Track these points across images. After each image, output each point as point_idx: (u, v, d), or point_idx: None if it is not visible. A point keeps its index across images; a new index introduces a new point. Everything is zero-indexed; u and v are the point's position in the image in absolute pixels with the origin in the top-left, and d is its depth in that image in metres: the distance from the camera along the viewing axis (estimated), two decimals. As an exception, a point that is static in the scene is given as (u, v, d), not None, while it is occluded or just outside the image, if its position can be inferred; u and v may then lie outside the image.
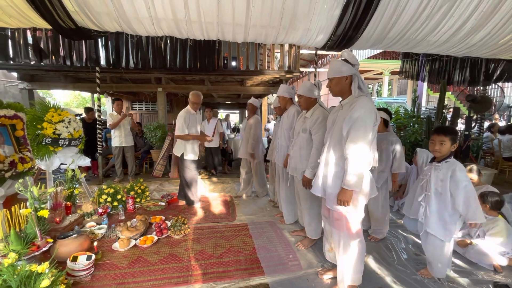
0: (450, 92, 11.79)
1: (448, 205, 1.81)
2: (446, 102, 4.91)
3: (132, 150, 4.97)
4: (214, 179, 5.14)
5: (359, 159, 1.51)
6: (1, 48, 3.98)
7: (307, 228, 2.50)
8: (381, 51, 11.87)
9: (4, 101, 2.49)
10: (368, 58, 12.48)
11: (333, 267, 2.02)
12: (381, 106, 3.24)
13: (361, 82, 1.66)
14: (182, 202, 3.68)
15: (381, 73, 13.20)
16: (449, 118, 5.14)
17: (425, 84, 7.62)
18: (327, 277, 1.97)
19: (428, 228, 1.89)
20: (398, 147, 2.54)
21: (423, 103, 10.73)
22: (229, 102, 11.82)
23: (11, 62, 4.36)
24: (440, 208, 1.85)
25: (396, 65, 11.54)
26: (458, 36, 3.43)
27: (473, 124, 4.87)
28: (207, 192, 4.31)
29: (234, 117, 23.71)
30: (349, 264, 1.74)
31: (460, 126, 5.85)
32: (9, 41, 4.05)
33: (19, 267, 1.55)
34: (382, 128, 2.57)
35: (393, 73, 12.64)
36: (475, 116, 5.30)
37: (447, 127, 1.93)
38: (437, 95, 4.51)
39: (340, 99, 1.79)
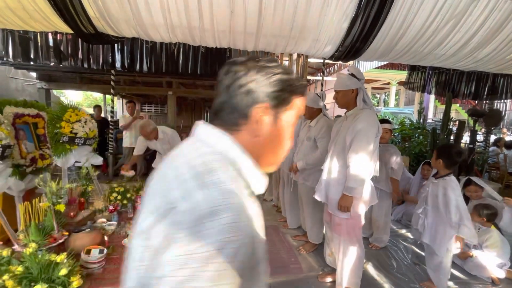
0: (458, 105, 11.74)
1: (443, 219, 1.88)
2: (453, 114, 4.94)
3: (142, 150, 5.11)
4: (220, 182, 5.24)
5: (360, 167, 1.60)
6: (23, 50, 4.21)
7: (309, 233, 2.57)
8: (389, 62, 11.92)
9: (27, 100, 2.65)
10: (376, 68, 12.53)
11: (333, 271, 2.09)
12: (387, 117, 3.32)
13: (365, 95, 1.75)
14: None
15: (388, 83, 13.22)
16: (454, 131, 5.15)
17: (432, 95, 7.65)
18: (327, 280, 2.04)
19: (424, 239, 1.97)
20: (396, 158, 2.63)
21: (430, 115, 10.70)
22: (236, 107, 11.97)
23: (31, 63, 4.59)
24: (436, 221, 1.93)
25: (404, 75, 11.56)
26: (464, 51, 3.49)
27: (480, 138, 4.88)
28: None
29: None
30: (348, 268, 1.81)
31: (466, 139, 5.84)
32: (31, 43, 4.28)
33: (39, 256, 1.66)
34: (387, 138, 2.66)
35: (400, 83, 12.64)
36: (482, 130, 5.30)
37: (443, 148, 2.02)
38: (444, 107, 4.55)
39: (345, 110, 1.89)
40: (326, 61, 4.63)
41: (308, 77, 7.44)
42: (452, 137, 4.54)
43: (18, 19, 3.21)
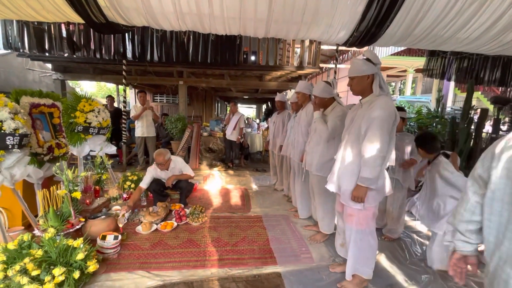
0: (480, 93, 11.16)
1: (443, 199, 2.00)
2: (474, 103, 4.70)
3: (153, 140, 5.19)
4: (231, 171, 5.28)
5: (376, 157, 1.54)
6: (38, 41, 4.29)
7: (320, 223, 2.55)
8: (405, 48, 11.40)
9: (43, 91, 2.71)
10: (392, 54, 12.03)
11: (345, 262, 2.06)
12: (402, 105, 3.18)
13: (382, 81, 1.67)
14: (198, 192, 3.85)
15: (405, 71, 12.69)
16: (475, 120, 4.90)
17: (452, 83, 7.29)
18: (338, 271, 2.03)
19: (424, 223, 2.19)
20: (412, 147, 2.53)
21: (449, 103, 10.23)
22: (246, 97, 11.91)
23: (47, 54, 4.67)
24: (434, 203, 2.04)
25: (421, 62, 11.05)
26: (490, 34, 3.26)
27: (504, 127, 4.62)
28: (224, 184, 4.45)
29: (251, 111, 23.82)
30: (360, 259, 1.78)
31: (488, 128, 5.56)
32: (46, 34, 4.35)
33: (58, 241, 1.73)
34: (401, 127, 2.55)
35: (417, 70, 12.12)
36: (506, 118, 5.02)
37: (417, 139, 2.20)
38: (465, 95, 4.31)
39: (360, 97, 1.81)
40: (340, 47, 4.46)
41: (321, 65, 7.25)
42: (473, 127, 4.32)
43: (31, 9, 3.25)
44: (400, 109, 2.56)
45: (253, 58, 6.02)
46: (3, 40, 4.36)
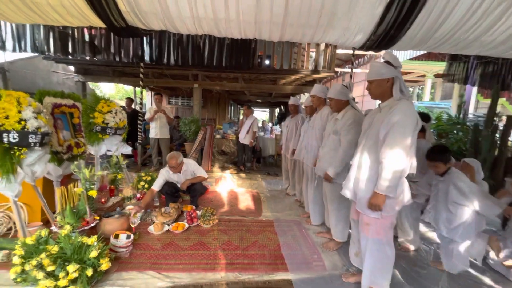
0: (504, 99, 10.63)
1: (458, 209, 2.05)
2: (499, 109, 4.46)
3: (167, 142, 5.27)
4: (243, 174, 5.27)
5: (395, 164, 1.47)
6: (63, 44, 4.49)
7: (333, 230, 2.48)
8: (425, 52, 11.05)
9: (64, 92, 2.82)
10: (410, 59, 11.70)
11: (359, 271, 1.99)
12: (420, 110, 3.05)
13: (402, 85, 1.60)
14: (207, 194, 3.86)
15: (423, 76, 12.29)
16: (501, 127, 4.65)
17: (475, 88, 6.96)
18: (351, 281, 1.95)
19: (441, 231, 2.16)
20: None
21: (471, 110, 9.80)
22: (260, 100, 11.92)
23: (70, 57, 4.89)
24: (450, 214, 2.08)
25: (441, 67, 10.65)
26: (518, 37, 3.09)
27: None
28: (235, 187, 4.43)
29: (264, 115, 23.85)
30: (376, 270, 1.70)
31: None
32: (70, 38, 4.55)
33: (73, 238, 1.77)
34: (419, 135, 2.43)
35: (437, 75, 11.70)
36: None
37: (433, 153, 2.14)
38: (488, 101, 4.10)
39: (378, 101, 1.75)
40: (356, 51, 4.38)
41: (336, 69, 7.15)
42: (497, 135, 4.10)
43: (57, 15, 3.40)
44: (424, 116, 2.44)
45: (267, 62, 6.02)
46: (31, 44, 4.60)
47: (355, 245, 2.04)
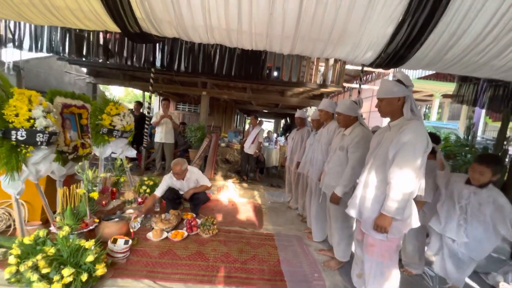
0: (514, 123, 10.48)
1: (488, 228, 1.92)
2: (508, 133, 4.39)
3: (171, 147, 5.28)
4: (245, 184, 5.22)
5: (404, 185, 1.43)
6: (77, 47, 4.60)
7: (336, 249, 2.41)
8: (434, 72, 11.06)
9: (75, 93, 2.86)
10: (418, 78, 11.71)
11: (361, 295, 1.91)
12: (429, 131, 2.99)
13: (414, 105, 1.59)
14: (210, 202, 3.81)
15: (431, 95, 12.26)
16: (510, 152, 4.56)
17: (483, 111, 6.91)
18: (353, 304, 1.87)
19: (461, 248, 2.00)
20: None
21: (479, 132, 9.69)
22: (266, 111, 11.98)
23: (83, 59, 5.00)
24: (478, 231, 1.95)
25: (449, 87, 10.63)
26: (530, 62, 3.06)
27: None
28: (237, 197, 4.39)
29: (269, 125, 23.91)
30: (380, 295, 1.63)
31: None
32: (85, 41, 4.67)
33: (70, 240, 1.74)
34: (429, 156, 2.38)
35: (445, 96, 11.65)
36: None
37: (489, 158, 1.99)
38: (497, 124, 4.05)
39: (388, 119, 1.72)
40: (365, 68, 4.40)
41: (344, 84, 7.18)
42: (507, 158, 4.01)
43: (75, 19, 3.49)
44: (434, 138, 2.38)
45: (276, 73, 6.08)
46: (47, 44, 4.72)
47: (358, 266, 1.97)
